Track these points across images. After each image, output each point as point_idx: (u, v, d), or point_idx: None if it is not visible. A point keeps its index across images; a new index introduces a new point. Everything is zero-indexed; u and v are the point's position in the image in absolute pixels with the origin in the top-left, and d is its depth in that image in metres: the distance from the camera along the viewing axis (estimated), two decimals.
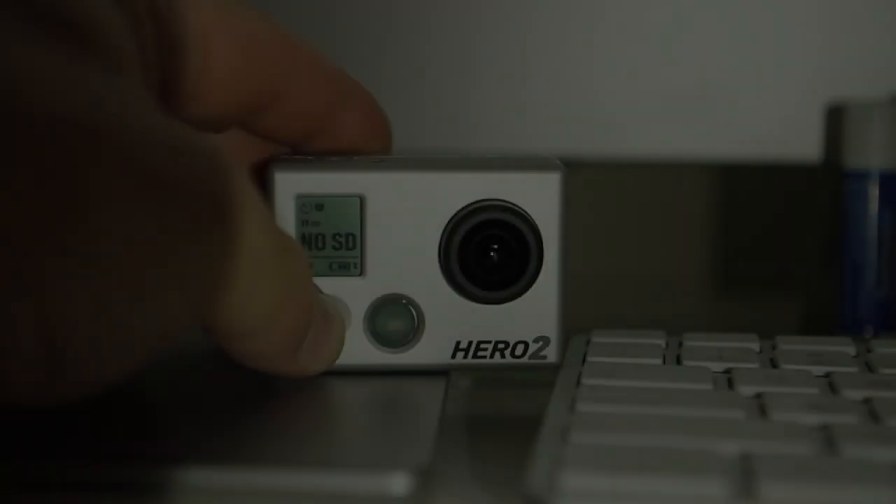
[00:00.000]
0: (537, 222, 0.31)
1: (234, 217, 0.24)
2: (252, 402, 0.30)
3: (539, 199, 0.31)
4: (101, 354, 0.21)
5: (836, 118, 0.42)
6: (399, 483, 0.25)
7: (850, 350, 0.32)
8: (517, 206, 0.31)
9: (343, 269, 0.31)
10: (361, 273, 0.31)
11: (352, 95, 0.33)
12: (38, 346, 0.20)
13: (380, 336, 0.32)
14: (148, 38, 0.27)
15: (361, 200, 0.31)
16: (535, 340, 0.32)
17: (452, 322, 0.32)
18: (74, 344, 0.21)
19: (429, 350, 0.32)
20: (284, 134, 0.33)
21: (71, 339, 0.21)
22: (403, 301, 0.32)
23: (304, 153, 0.33)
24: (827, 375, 0.30)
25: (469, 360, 0.32)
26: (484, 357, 0.32)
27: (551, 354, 0.32)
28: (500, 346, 0.32)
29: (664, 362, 0.31)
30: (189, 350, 0.34)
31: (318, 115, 0.32)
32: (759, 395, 0.28)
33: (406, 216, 0.31)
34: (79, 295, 0.20)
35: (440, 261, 0.31)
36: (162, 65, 0.28)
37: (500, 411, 0.34)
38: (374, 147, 0.34)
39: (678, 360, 0.31)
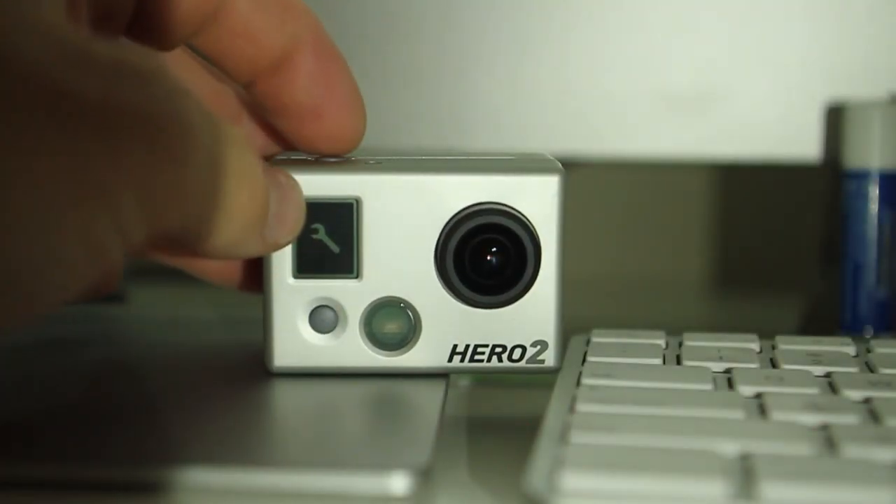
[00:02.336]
0: (535, 225, 0.31)
1: (162, 126, 0.23)
2: (252, 402, 0.30)
3: (537, 202, 0.31)
4: (11, 282, 0.20)
5: (836, 118, 0.42)
6: (399, 483, 0.25)
7: (850, 350, 0.32)
8: (514, 210, 0.31)
9: (340, 271, 0.31)
10: (358, 276, 0.31)
11: (310, 34, 0.31)
12: None
13: (376, 339, 0.32)
14: None
15: (358, 203, 0.31)
16: (533, 344, 0.32)
17: (449, 325, 0.31)
18: None
19: (425, 353, 0.32)
20: (231, 60, 0.31)
21: None
22: (400, 304, 0.32)
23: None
24: (827, 375, 0.30)
25: (466, 363, 0.32)
26: (481, 361, 0.32)
27: (549, 358, 0.32)
28: (498, 349, 0.32)
29: (664, 362, 0.31)
30: (188, 350, 0.34)
31: (265, 40, 0.31)
32: (759, 395, 0.28)
33: (403, 219, 0.31)
34: None
35: (437, 264, 0.31)
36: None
37: (499, 412, 0.34)
38: (335, 105, 0.32)
39: (678, 360, 0.31)
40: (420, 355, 0.32)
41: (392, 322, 0.32)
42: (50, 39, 0.22)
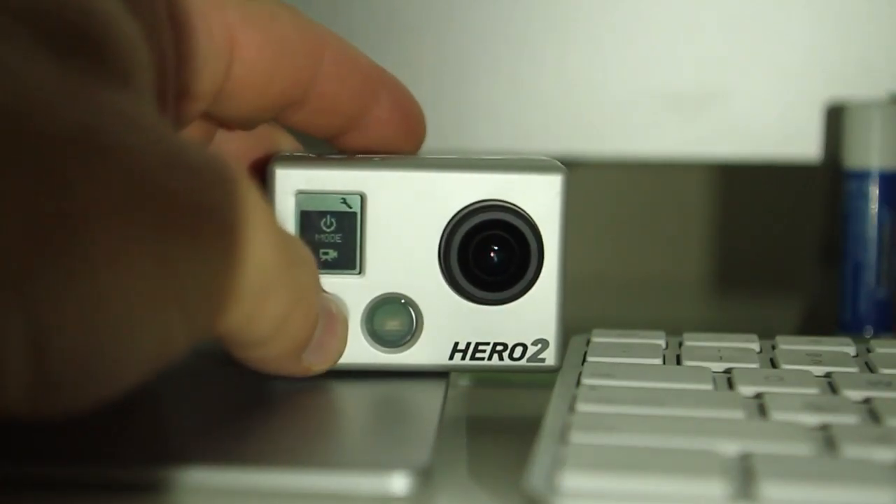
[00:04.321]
0: (538, 224, 0.31)
1: (238, 231, 0.24)
2: (252, 402, 0.30)
3: (540, 200, 0.31)
4: (93, 370, 0.21)
5: (836, 118, 0.42)
6: (399, 483, 0.25)
7: (850, 350, 0.32)
8: (518, 207, 0.31)
9: (342, 267, 0.31)
10: (360, 272, 0.31)
11: (385, 89, 0.32)
12: (27, 360, 0.20)
13: (378, 336, 0.32)
14: (168, 50, 0.26)
15: (362, 198, 0.31)
16: (534, 343, 0.32)
17: (451, 323, 0.32)
18: (64, 359, 0.20)
19: (427, 351, 0.32)
20: (315, 129, 0.32)
21: (61, 354, 0.20)
22: (402, 301, 0.32)
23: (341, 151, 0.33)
24: (827, 375, 0.30)
25: (467, 361, 0.32)
26: (482, 359, 0.32)
27: (550, 357, 0.32)
28: (499, 347, 0.32)
29: (664, 362, 0.31)
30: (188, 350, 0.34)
31: (349, 111, 0.32)
32: (759, 395, 0.28)
33: (406, 215, 0.31)
34: (70, 310, 0.20)
35: (440, 260, 0.31)
36: (182, 73, 0.28)
37: (499, 412, 0.34)
38: (408, 142, 0.33)
39: (678, 360, 0.31)
40: (421, 353, 0.32)
41: (393, 319, 0.32)
42: (149, 136, 0.22)
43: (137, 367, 0.22)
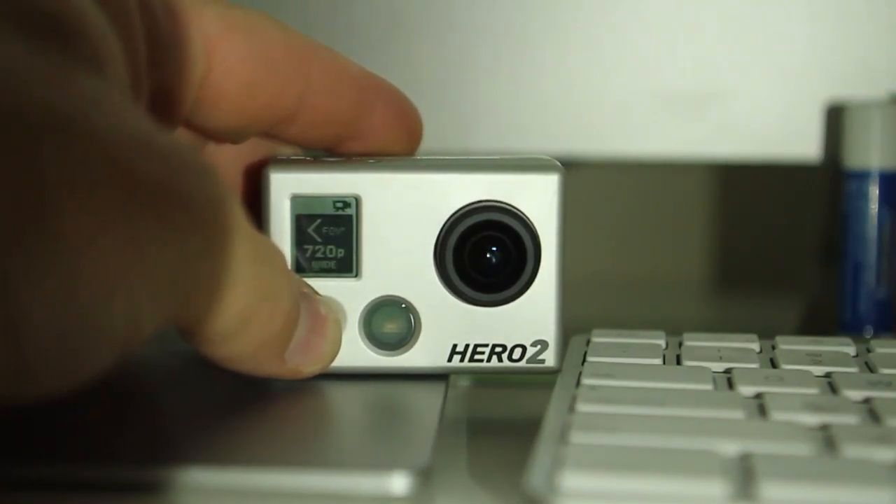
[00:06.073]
0: (535, 224, 0.31)
1: (206, 218, 0.24)
2: (252, 403, 0.30)
3: (537, 200, 0.31)
4: (67, 351, 0.21)
5: (836, 118, 0.42)
6: (399, 483, 0.25)
7: (850, 350, 0.32)
8: (514, 208, 0.31)
9: (338, 270, 0.31)
10: (357, 275, 0.31)
11: (379, 96, 0.32)
12: (1, 342, 0.20)
13: (375, 338, 0.32)
14: (139, 43, 0.26)
15: (357, 201, 0.31)
16: (533, 344, 0.32)
17: (449, 325, 0.31)
18: (38, 340, 0.20)
19: (425, 353, 0.32)
20: (311, 142, 0.33)
21: (35, 334, 0.20)
22: (399, 303, 0.31)
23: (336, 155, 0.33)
24: (827, 375, 0.30)
25: (466, 363, 0.32)
26: (481, 361, 0.32)
27: (550, 358, 0.32)
28: (498, 349, 0.32)
29: (664, 362, 0.31)
30: (188, 350, 0.34)
31: (344, 121, 0.32)
32: (759, 395, 0.28)
33: (402, 217, 0.31)
34: (42, 290, 0.20)
35: (436, 262, 0.31)
36: (155, 71, 0.28)
37: (499, 412, 0.34)
38: (406, 145, 0.33)
39: (678, 360, 0.31)
40: (419, 355, 0.32)
41: (391, 321, 0.32)
42: (120, 120, 0.22)
43: (107, 350, 0.22)
